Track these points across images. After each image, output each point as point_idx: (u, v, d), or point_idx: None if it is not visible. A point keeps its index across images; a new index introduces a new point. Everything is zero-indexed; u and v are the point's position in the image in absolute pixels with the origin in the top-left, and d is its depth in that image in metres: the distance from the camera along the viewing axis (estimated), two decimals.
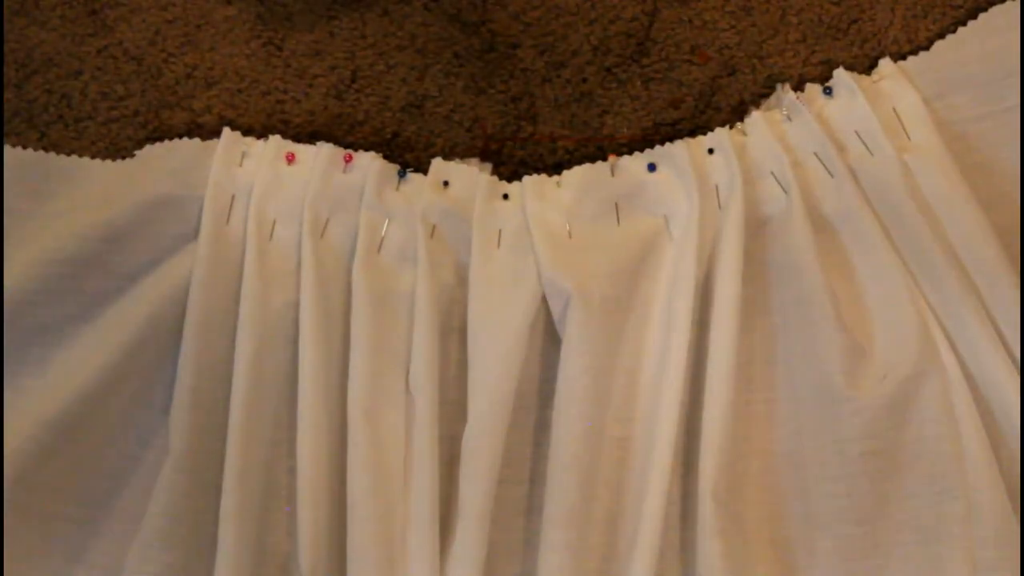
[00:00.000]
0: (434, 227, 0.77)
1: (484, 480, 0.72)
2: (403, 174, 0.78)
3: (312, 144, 0.79)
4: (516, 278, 0.76)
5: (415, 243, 0.76)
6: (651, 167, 0.78)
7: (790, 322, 0.75)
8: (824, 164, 0.76)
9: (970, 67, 0.77)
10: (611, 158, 0.79)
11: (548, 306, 0.75)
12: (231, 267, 0.75)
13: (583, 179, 0.78)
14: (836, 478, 0.73)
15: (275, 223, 0.76)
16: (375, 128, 0.80)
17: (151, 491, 0.73)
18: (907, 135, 0.76)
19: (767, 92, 0.80)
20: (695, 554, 0.71)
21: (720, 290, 0.74)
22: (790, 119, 0.78)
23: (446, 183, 0.78)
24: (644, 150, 0.79)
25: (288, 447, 0.74)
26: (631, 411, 0.75)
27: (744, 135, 0.78)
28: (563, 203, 0.77)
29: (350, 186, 0.77)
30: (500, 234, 0.77)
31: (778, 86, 0.80)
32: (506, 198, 0.78)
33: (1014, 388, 0.72)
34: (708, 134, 0.78)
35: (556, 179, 0.79)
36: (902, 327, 0.74)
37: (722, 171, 0.77)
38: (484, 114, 0.80)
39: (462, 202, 0.77)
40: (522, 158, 0.80)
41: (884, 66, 0.78)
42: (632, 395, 0.75)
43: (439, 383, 0.74)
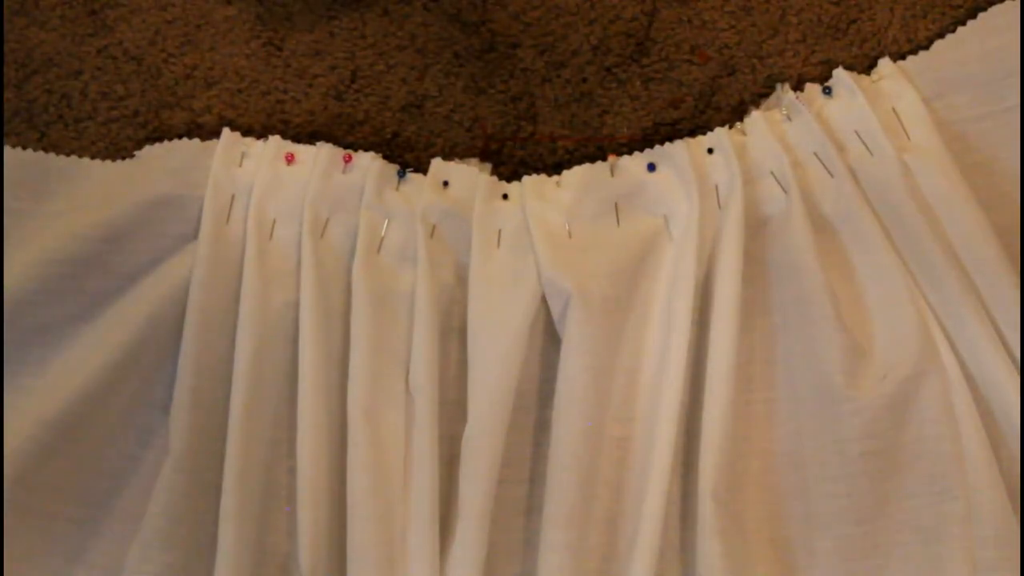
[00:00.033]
0: (434, 227, 0.77)
1: (484, 480, 0.71)
2: (403, 174, 0.78)
3: (312, 144, 0.79)
4: (516, 278, 0.76)
5: (415, 243, 0.76)
6: (651, 167, 0.78)
7: (790, 322, 0.75)
8: (824, 164, 0.76)
9: (970, 67, 0.77)
10: (611, 158, 0.79)
11: (548, 306, 0.75)
12: (231, 267, 0.75)
13: (583, 179, 0.78)
14: (836, 478, 0.73)
15: (275, 223, 0.76)
16: (375, 128, 0.80)
17: (151, 491, 0.73)
18: (907, 135, 0.76)
19: (767, 92, 0.80)
20: (695, 554, 0.71)
21: (720, 290, 0.74)
22: (790, 119, 0.78)
23: (446, 183, 0.78)
24: (644, 150, 0.79)
25: (288, 447, 0.74)
26: (631, 411, 0.75)
27: (744, 135, 0.78)
28: (563, 203, 0.77)
29: (350, 186, 0.77)
30: (500, 234, 0.77)
31: (778, 86, 0.80)
32: (506, 198, 0.78)
33: (1014, 388, 0.72)
34: (708, 134, 0.78)
35: (556, 179, 0.79)
36: (902, 327, 0.74)
37: (722, 171, 0.77)
38: (484, 114, 0.80)
39: (462, 202, 0.77)
40: (522, 158, 0.80)
41: (884, 66, 0.78)
42: (632, 395, 0.75)
43: (439, 383, 0.74)
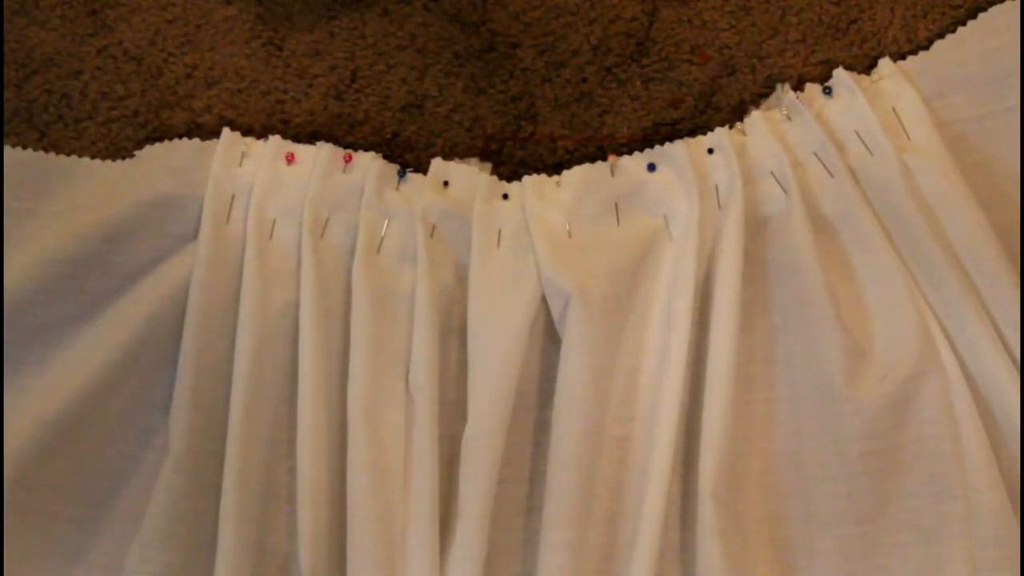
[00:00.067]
0: (434, 227, 0.77)
1: (484, 480, 0.71)
2: (403, 174, 0.78)
3: (312, 144, 0.78)
4: (516, 278, 0.76)
5: (415, 243, 0.76)
6: (651, 167, 0.78)
7: (790, 322, 0.75)
8: (824, 164, 0.76)
9: (970, 67, 0.77)
10: (611, 158, 0.79)
11: (548, 306, 0.75)
12: (231, 267, 0.75)
13: (583, 179, 0.78)
14: (836, 478, 0.73)
15: (275, 223, 0.76)
16: (375, 128, 0.80)
17: (151, 491, 0.73)
18: (907, 135, 0.76)
19: (767, 92, 0.80)
20: (695, 554, 0.71)
21: (720, 290, 0.74)
22: (790, 119, 0.78)
23: (446, 183, 0.78)
24: (644, 150, 0.79)
25: (288, 447, 0.74)
26: (631, 411, 0.75)
27: (744, 135, 0.78)
28: (563, 203, 0.77)
29: (350, 186, 0.77)
30: (500, 234, 0.77)
31: (778, 86, 0.80)
32: (506, 198, 0.78)
33: (1014, 388, 0.72)
34: (708, 134, 0.78)
35: (556, 179, 0.79)
36: (902, 327, 0.74)
37: (722, 171, 0.77)
38: (484, 114, 0.80)
39: (462, 202, 0.77)
40: (522, 158, 0.80)
41: (884, 66, 0.78)
42: (632, 395, 0.75)
43: (439, 383, 0.74)
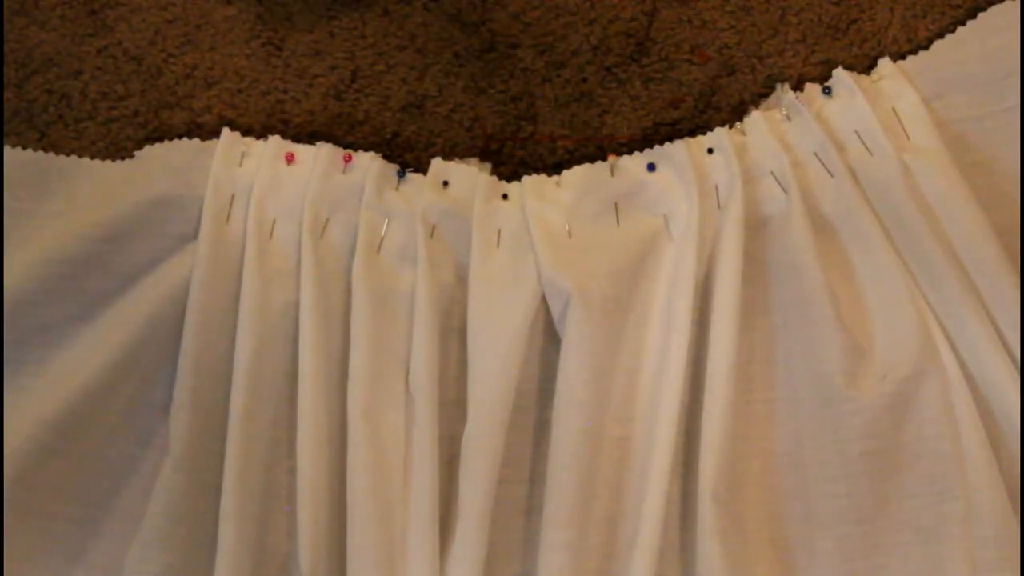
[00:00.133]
0: (434, 227, 0.77)
1: (484, 480, 0.71)
2: (403, 174, 0.78)
3: (312, 144, 0.79)
4: (516, 278, 0.76)
5: (415, 243, 0.76)
6: (651, 167, 0.78)
7: (790, 322, 0.75)
8: (824, 164, 0.76)
9: (970, 67, 0.77)
10: (611, 158, 0.79)
11: (548, 306, 0.75)
12: (231, 267, 0.75)
13: (583, 179, 0.78)
14: (836, 478, 0.73)
15: (275, 222, 0.76)
16: (375, 128, 0.80)
17: (151, 491, 0.73)
18: (906, 135, 0.76)
19: (767, 92, 0.80)
20: (695, 554, 0.71)
21: (720, 290, 0.74)
22: (790, 119, 0.78)
23: (446, 183, 0.78)
24: (644, 150, 0.79)
25: (288, 447, 0.74)
26: (631, 411, 0.75)
27: (744, 135, 0.78)
28: (563, 203, 0.77)
29: (350, 186, 0.77)
30: (500, 234, 0.77)
31: (778, 86, 0.80)
32: (506, 198, 0.78)
33: (1014, 388, 0.72)
34: (708, 134, 0.78)
35: (556, 179, 0.79)
36: (902, 327, 0.74)
37: (722, 171, 0.77)
38: (484, 114, 0.80)
39: (462, 202, 0.77)
40: (522, 158, 0.80)
41: (883, 66, 0.78)
42: (632, 395, 0.75)
43: (439, 383, 0.74)
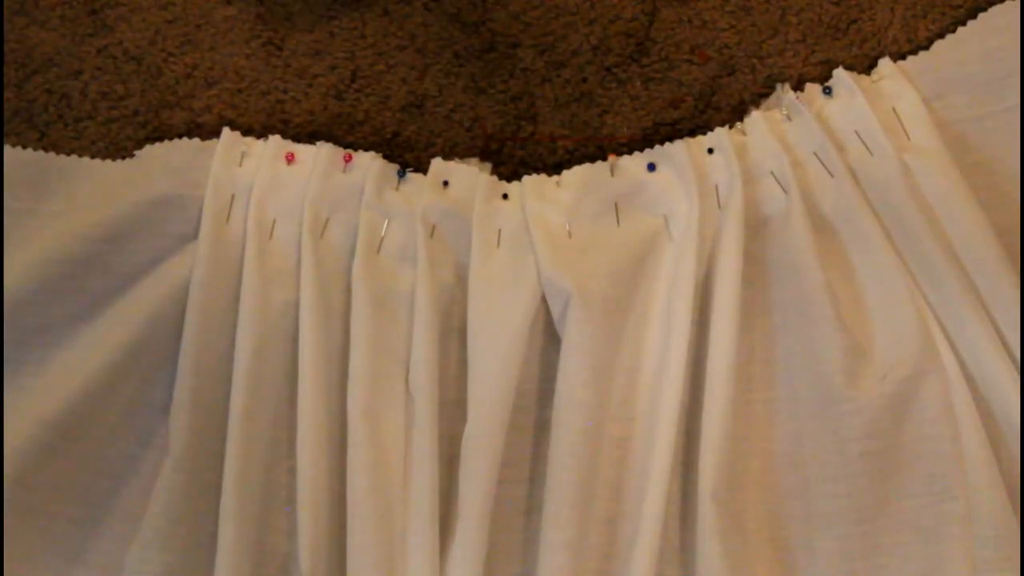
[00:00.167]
0: (434, 227, 0.77)
1: (484, 480, 0.71)
2: (403, 174, 0.78)
3: (312, 144, 0.79)
4: (516, 278, 0.76)
5: (415, 243, 0.76)
6: (651, 167, 0.78)
7: (790, 322, 0.75)
8: (824, 164, 0.76)
9: (970, 67, 0.77)
10: (611, 158, 0.79)
11: (548, 306, 0.75)
12: (231, 266, 0.75)
13: (583, 179, 0.78)
14: (836, 478, 0.73)
15: (275, 222, 0.76)
16: (375, 128, 0.80)
17: (151, 491, 0.73)
18: (907, 135, 0.76)
19: (767, 92, 0.80)
20: (695, 554, 0.71)
21: (720, 290, 0.74)
22: (790, 119, 0.78)
23: (446, 183, 0.78)
24: (644, 150, 0.79)
25: (288, 447, 0.74)
26: (631, 411, 0.75)
27: (744, 135, 0.78)
28: (563, 203, 0.77)
29: (350, 186, 0.77)
30: (500, 234, 0.77)
31: (778, 86, 0.80)
32: (506, 198, 0.78)
33: (1014, 388, 0.72)
34: (708, 134, 0.78)
35: (556, 179, 0.79)
36: (902, 327, 0.74)
37: (722, 171, 0.77)
38: (484, 114, 0.80)
39: (462, 202, 0.77)
40: (522, 158, 0.80)
41: (884, 66, 0.78)
42: (632, 395, 0.75)
43: (439, 383, 0.74)
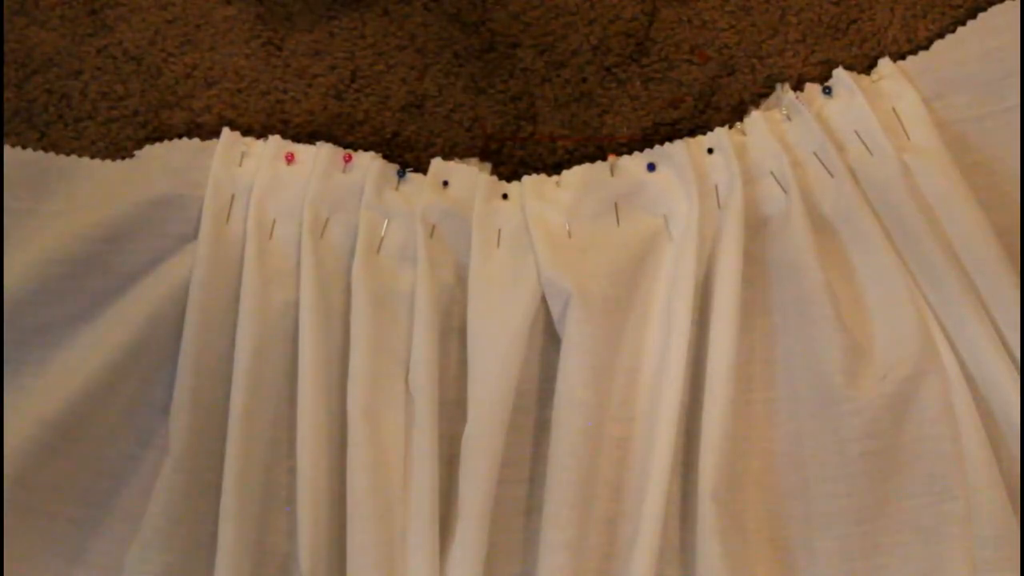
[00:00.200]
0: (434, 227, 0.77)
1: (484, 480, 0.71)
2: (403, 174, 0.78)
3: (312, 144, 0.79)
4: (516, 278, 0.76)
5: (415, 243, 0.76)
6: (651, 167, 0.78)
7: (790, 322, 0.75)
8: (824, 164, 0.76)
9: (970, 67, 0.77)
10: (611, 158, 0.79)
11: (548, 306, 0.75)
12: (231, 266, 0.75)
13: (583, 179, 0.78)
14: (836, 478, 0.73)
15: (275, 222, 0.76)
16: (375, 128, 0.80)
17: (151, 491, 0.73)
18: (907, 135, 0.76)
19: (767, 92, 0.80)
20: (695, 554, 0.71)
21: (720, 290, 0.74)
22: (790, 119, 0.78)
23: (446, 183, 0.78)
24: (644, 150, 0.79)
25: (288, 447, 0.74)
26: (631, 411, 0.75)
27: (744, 135, 0.78)
28: (563, 203, 0.77)
29: (350, 186, 0.77)
30: (499, 234, 0.77)
31: (778, 86, 0.80)
32: (506, 198, 0.78)
33: (1014, 388, 0.72)
34: (708, 134, 0.78)
35: (556, 179, 0.79)
36: (902, 327, 0.74)
37: (722, 171, 0.77)
38: (484, 114, 0.80)
39: (462, 202, 0.77)
40: (522, 158, 0.80)
41: (883, 66, 0.78)
42: (632, 395, 0.75)
43: (439, 383, 0.74)
